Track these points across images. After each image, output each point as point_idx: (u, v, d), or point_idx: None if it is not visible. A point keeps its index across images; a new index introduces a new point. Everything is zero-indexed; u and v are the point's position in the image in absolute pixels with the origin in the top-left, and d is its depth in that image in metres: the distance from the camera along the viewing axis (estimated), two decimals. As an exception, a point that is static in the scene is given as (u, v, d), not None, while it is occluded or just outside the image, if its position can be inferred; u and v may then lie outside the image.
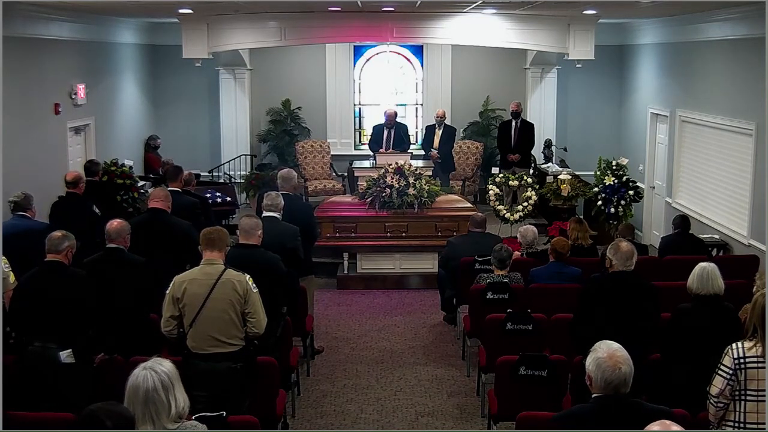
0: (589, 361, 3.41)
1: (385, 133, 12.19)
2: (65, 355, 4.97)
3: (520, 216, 10.71)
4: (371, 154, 12.29)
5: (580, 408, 3.49)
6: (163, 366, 3.19)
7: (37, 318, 4.99)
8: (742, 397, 4.13)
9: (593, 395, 3.42)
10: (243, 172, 13.11)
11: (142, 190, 10.15)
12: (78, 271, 5.21)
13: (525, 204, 10.74)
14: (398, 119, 12.53)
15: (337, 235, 9.94)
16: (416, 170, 10.18)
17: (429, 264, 9.89)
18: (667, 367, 5.03)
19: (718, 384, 4.16)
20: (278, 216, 6.65)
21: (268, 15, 11.09)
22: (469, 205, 10.42)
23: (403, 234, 9.95)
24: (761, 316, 4.11)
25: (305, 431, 6.19)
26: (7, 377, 4.65)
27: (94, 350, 5.19)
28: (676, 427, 2.87)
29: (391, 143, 12.08)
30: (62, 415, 4.19)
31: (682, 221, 8.20)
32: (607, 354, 3.38)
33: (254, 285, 4.85)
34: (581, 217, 9.43)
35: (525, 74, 13.64)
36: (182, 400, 3.19)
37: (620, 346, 3.44)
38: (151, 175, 11.93)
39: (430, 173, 11.13)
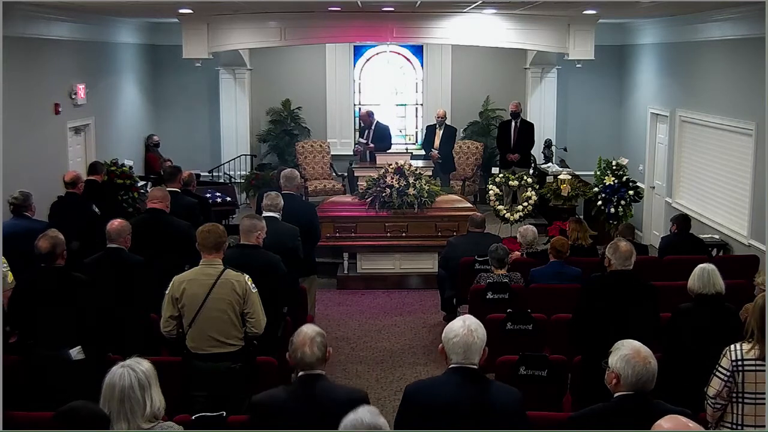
0: (615, 359, 3.38)
1: (366, 133, 12.24)
2: (75, 352, 4.95)
3: (520, 216, 10.70)
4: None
5: (600, 407, 3.44)
6: (142, 365, 3.20)
7: (36, 320, 4.97)
8: (740, 400, 4.11)
9: (617, 394, 3.38)
10: (243, 172, 13.12)
11: (142, 190, 10.15)
12: (78, 275, 5.18)
13: (525, 204, 10.73)
14: (399, 118, 12.50)
15: (337, 235, 9.94)
16: (416, 170, 10.17)
17: (429, 264, 9.89)
18: (667, 366, 5.02)
19: (715, 385, 4.14)
20: (278, 216, 6.63)
21: (268, 15, 11.08)
22: (469, 205, 10.41)
23: (403, 234, 9.95)
24: (760, 319, 4.08)
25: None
26: (11, 380, 4.62)
27: (102, 350, 5.15)
28: (693, 425, 2.81)
29: (370, 140, 12.08)
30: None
31: (683, 221, 8.17)
32: (633, 351, 3.36)
33: (253, 285, 4.85)
34: (581, 217, 9.44)
35: (525, 74, 13.64)
36: (158, 401, 3.20)
37: (641, 343, 3.43)
38: (151, 176, 11.92)
39: (430, 173, 11.12)
